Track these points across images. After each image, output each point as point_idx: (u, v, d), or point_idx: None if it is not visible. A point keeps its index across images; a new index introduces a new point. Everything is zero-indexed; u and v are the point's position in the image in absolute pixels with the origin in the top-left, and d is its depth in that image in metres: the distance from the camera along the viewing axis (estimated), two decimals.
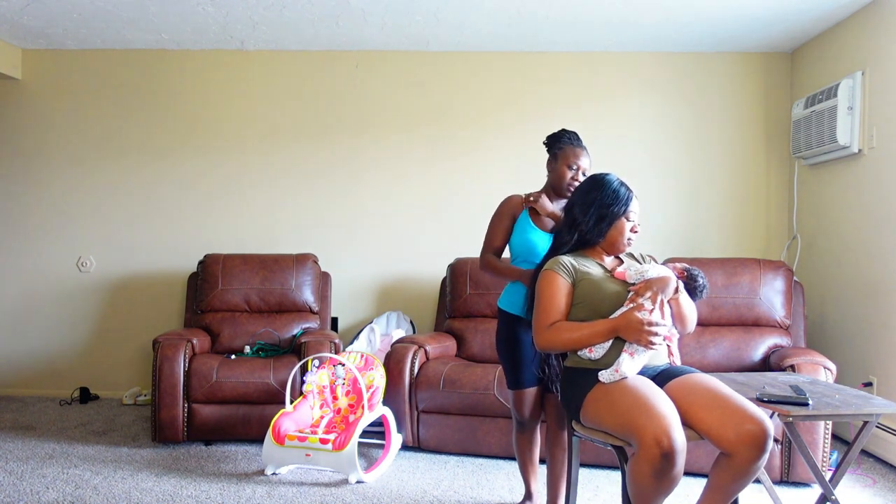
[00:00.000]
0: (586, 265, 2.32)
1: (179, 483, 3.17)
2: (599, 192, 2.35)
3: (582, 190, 2.43)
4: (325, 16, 4.06)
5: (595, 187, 2.38)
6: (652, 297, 2.17)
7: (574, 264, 2.30)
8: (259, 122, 4.73)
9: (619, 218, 2.32)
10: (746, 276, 3.76)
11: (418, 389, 3.60)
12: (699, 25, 4.10)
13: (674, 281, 2.24)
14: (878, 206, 3.61)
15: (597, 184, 2.38)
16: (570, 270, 2.28)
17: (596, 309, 2.24)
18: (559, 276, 2.27)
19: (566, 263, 2.30)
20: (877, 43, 3.64)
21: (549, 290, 2.27)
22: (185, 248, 4.72)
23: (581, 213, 2.36)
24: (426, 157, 4.68)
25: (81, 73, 4.76)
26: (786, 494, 3.08)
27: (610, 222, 2.32)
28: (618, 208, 2.32)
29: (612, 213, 2.32)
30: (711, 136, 4.59)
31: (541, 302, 2.28)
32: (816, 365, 3.17)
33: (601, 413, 2.10)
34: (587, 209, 2.35)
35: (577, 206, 2.38)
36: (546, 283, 2.28)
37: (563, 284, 2.27)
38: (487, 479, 3.30)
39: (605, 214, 2.32)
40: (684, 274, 2.34)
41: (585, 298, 2.25)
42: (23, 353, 4.79)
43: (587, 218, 2.33)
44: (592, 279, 2.27)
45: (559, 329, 2.22)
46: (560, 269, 2.28)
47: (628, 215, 2.33)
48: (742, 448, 1.97)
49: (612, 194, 2.33)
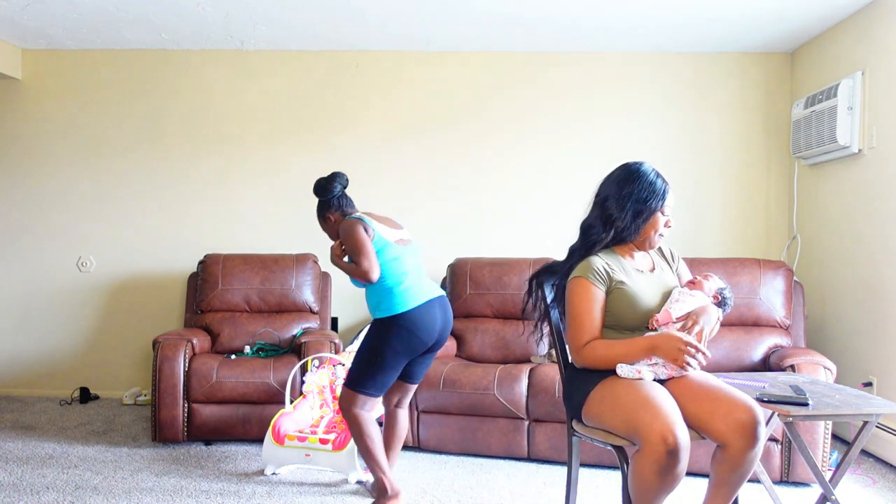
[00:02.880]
0: (619, 269, 2.22)
1: (179, 483, 3.17)
2: (635, 184, 2.21)
3: (615, 181, 2.26)
4: (325, 16, 4.06)
5: (630, 179, 2.23)
6: (699, 335, 2.11)
7: (608, 270, 2.19)
8: (259, 122, 4.73)
9: (656, 213, 2.21)
10: (746, 276, 3.76)
11: (418, 389, 3.60)
12: (699, 25, 4.10)
13: (714, 314, 2.18)
14: (878, 206, 3.61)
15: (632, 175, 2.23)
16: (605, 277, 2.18)
17: (623, 322, 2.20)
18: (594, 286, 2.16)
19: (600, 269, 2.18)
20: (877, 43, 3.64)
21: (586, 304, 2.16)
22: (185, 248, 4.72)
23: (617, 207, 2.21)
24: (426, 156, 4.68)
25: (81, 73, 4.76)
26: (786, 494, 3.08)
27: (646, 218, 2.21)
28: (655, 202, 2.20)
29: (649, 209, 2.20)
30: (711, 136, 4.59)
31: (576, 316, 2.16)
32: (816, 365, 3.17)
33: (604, 411, 2.10)
34: (623, 203, 2.20)
35: (612, 199, 2.23)
36: (581, 294, 2.17)
37: (599, 295, 2.17)
38: (487, 479, 3.30)
39: (641, 210, 2.20)
40: (718, 298, 2.27)
41: (615, 311, 2.19)
42: (23, 353, 4.79)
43: (623, 213, 2.20)
44: (625, 291, 2.18)
45: (595, 348, 2.13)
46: (595, 278, 2.17)
47: (664, 209, 2.22)
48: (733, 437, 1.97)
49: (648, 187, 2.20)
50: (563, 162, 4.58)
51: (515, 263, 4.12)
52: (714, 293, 2.27)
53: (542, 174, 4.61)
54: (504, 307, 4.07)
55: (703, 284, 2.28)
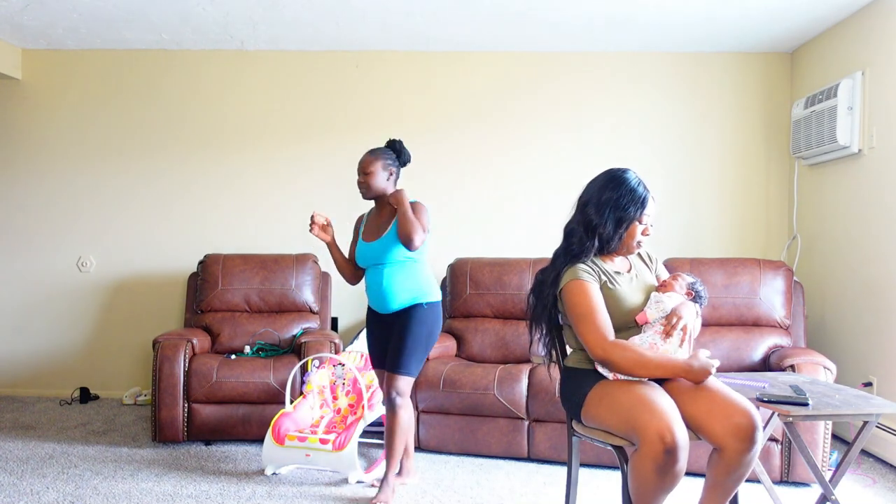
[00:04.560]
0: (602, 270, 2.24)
1: (179, 483, 3.17)
2: (615, 191, 2.21)
3: (598, 185, 2.27)
4: (325, 16, 4.06)
5: (611, 185, 2.23)
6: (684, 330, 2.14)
7: (594, 268, 2.22)
8: (259, 122, 4.73)
9: (634, 221, 2.22)
10: (746, 276, 3.76)
11: (418, 389, 3.59)
12: (699, 25, 4.10)
13: (692, 308, 2.20)
14: (878, 206, 3.61)
15: (614, 181, 2.24)
16: (595, 275, 2.20)
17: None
18: (590, 284, 2.17)
19: (589, 268, 2.21)
20: (877, 43, 3.64)
21: (592, 302, 2.14)
22: (185, 248, 4.72)
23: (596, 213, 2.22)
24: (426, 156, 4.67)
25: (81, 73, 4.76)
26: (786, 494, 3.07)
27: (626, 226, 2.22)
28: (634, 210, 2.20)
29: (628, 216, 2.20)
30: (711, 136, 4.59)
31: (588, 315, 2.13)
32: (816, 365, 3.17)
33: (603, 411, 2.10)
34: (602, 209, 2.21)
35: (592, 204, 2.24)
36: (583, 294, 2.15)
37: (597, 290, 2.18)
38: (487, 479, 3.30)
39: (621, 217, 2.20)
40: (692, 294, 2.28)
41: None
42: (23, 353, 4.79)
43: (603, 220, 2.21)
44: (611, 292, 2.20)
45: (626, 348, 2.08)
46: (587, 277, 2.18)
47: (642, 218, 2.23)
48: (731, 440, 1.97)
49: (628, 194, 2.20)
50: (563, 162, 4.58)
51: (515, 263, 4.12)
52: (687, 290, 2.29)
53: (543, 174, 4.61)
54: (504, 307, 4.07)
55: (672, 285, 2.29)
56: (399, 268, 2.92)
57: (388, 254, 2.91)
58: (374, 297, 3.00)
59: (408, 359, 2.87)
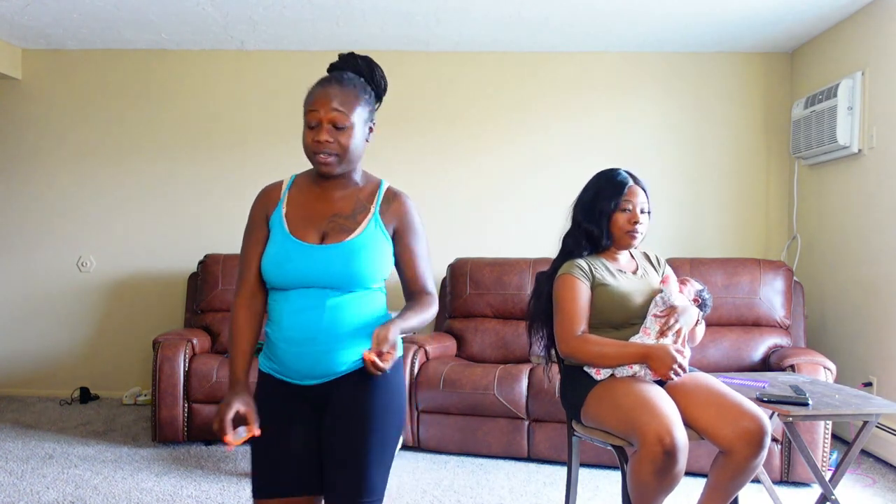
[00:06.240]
0: (602, 270, 2.25)
1: (179, 483, 3.17)
2: (594, 187, 2.29)
3: (582, 189, 2.36)
4: (325, 16, 4.06)
5: (592, 183, 2.32)
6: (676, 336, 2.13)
7: (591, 269, 2.23)
8: (259, 122, 4.73)
9: (615, 212, 2.23)
10: (746, 276, 3.76)
11: (418, 389, 3.60)
12: (699, 25, 4.10)
13: (694, 314, 2.20)
14: (878, 206, 3.61)
15: (595, 179, 2.32)
16: (588, 274, 2.22)
17: (608, 319, 2.21)
18: (578, 281, 2.20)
19: (583, 266, 2.23)
20: (877, 43, 3.64)
21: (572, 295, 2.18)
22: (185, 248, 4.72)
23: (582, 212, 2.29)
24: (425, 156, 4.68)
25: (81, 73, 4.76)
26: (786, 494, 3.07)
27: (608, 217, 2.24)
28: (612, 199, 2.22)
29: (606, 208, 2.23)
30: (711, 136, 4.59)
31: (564, 308, 2.19)
32: (816, 365, 3.17)
33: (602, 412, 2.10)
34: (585, 208, 2.28)
35: (578, 204, 2.32)
36: (568, 288, 2.20)
37: (584, 289, 2.20)
38: (487, 479, 3.30)
39: (602, 210, 2.23)
40: (699, 301, 2.29)
41: (601, 309, 2.20)
42: (23, 353, 4.79)
43: (588, 218, 2.26)
44: (609, 290, 2.21)
45: (588, 341, 2.14)
46: (578, 273, 2.21)
47: (624, 205, 2.22)
48: (739, 445, 1.97)
49: (605, 187, 2.25)
50: (563, 162, 4.57)
51: (515, 263, 4.12)
52: (694, 297, 2.28)
53: (543, 174, 4.60)
54: (504, 307, 4.07)
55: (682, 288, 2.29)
56: (364, 299, 1.72)
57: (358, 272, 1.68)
58: (296, 351, 1.72)
59: (376, 470, 1.63)
